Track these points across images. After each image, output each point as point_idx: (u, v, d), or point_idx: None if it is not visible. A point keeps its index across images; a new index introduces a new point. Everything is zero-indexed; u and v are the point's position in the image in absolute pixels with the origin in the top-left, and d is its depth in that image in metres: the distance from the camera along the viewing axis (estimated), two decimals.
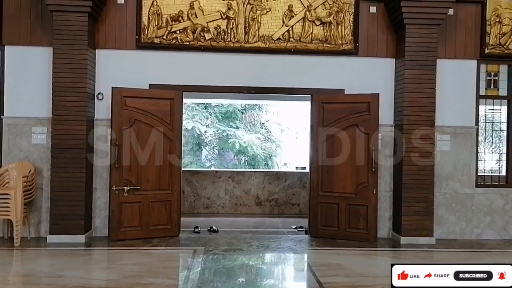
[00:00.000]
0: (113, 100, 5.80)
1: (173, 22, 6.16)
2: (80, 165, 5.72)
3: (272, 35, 6.25)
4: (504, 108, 6.48)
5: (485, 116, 6.49)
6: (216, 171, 8.93)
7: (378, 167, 6.05)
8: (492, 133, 6.58)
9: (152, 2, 6.10)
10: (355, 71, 6.29)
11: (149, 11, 6.10)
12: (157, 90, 6.07)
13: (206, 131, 12.15)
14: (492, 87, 6.41)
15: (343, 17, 6.28)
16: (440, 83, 6.07)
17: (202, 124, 11.89)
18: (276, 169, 12.25)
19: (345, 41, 6.29)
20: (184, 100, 6.37)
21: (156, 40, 6.13)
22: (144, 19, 6.10)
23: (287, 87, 6.32)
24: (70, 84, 5.67)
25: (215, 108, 12.09)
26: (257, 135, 12.52)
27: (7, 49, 5.92)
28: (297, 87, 6.31)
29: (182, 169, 6.41)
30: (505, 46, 6.24)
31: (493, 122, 6.50)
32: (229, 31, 6.22)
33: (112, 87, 5.80)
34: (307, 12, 6.25)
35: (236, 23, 6.23)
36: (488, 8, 6.18)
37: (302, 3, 6.25)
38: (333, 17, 6.27)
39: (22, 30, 5.90)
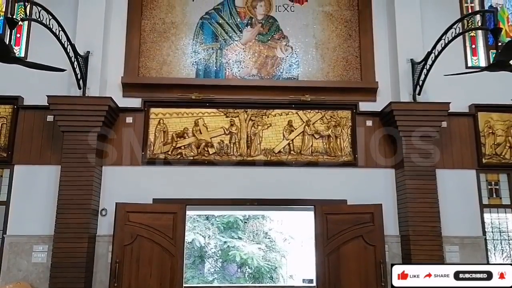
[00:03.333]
0: (116, 215, 5.81)
1: (178, 139, 6.42)
2: (79, 285, 5.51)
3: (273, 148, 6.46)
4: (510, 216, 6.42)
5: (492, 225, 6.40)
6: (219, 287, 8.55)
7: (387, 281, 5.80)
8: (501, 242, 6.43)
9: (159, 120, 6.43)
10: (356, 181, 6.37)
11: (155, 129, 6.40)
12: (161, 204, 6.10)
13: (208, 243, 11.88)
14: (494, 196, 6.44)
15: (341, 131, 6.55)
16: (442, 193, 6.10)
17: (202, 236, 11.66)
18: (281, 283, 11.71)
19: (344, 153, 6.48)
20: (187, 212, 6.35)
21: (161, 156, 6.34)
22: (151, 136, 6.38)
23: (290, 198, 6.34)
24: (75, 201, 5.72)
25: (216, 219, 11.96)
26: (261, 246, 12.20)
27: (16, 168, 6.12)
28: (299, 199, 6.33)
29: (184, 285, 6.16)
30: (501, 156, 6.41)
31: (500, 231, 6.40)
32: (232, 145, 6.46)
33: (116, 203, 5.84)
34: (306, 127, 6.53)
35: (239, 138, 6.48)
36: (480, 120, 6.48)
37: (301, 118, 6.57)
38: (331, 130, 6.54)
39: (33, 150, 6.15)
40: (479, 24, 5.86)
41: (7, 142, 6.10)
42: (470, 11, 6.96)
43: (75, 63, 5.78)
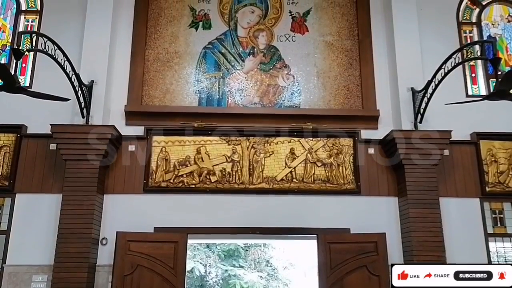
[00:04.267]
0: (117, 244, 5.75)
1: (180, 167, 6.41)
2: None
3: (276, 176, 6.44)
4: None
5: (497, 254, 6.31)
6: None
7: None
8: None
9: (161, 148, 6.44)
10: (359, 210, 6.32)
11: (158, 157, 6.40)
12: (162, 233, 6.04)
13: (209, 272, 11.71)
14: (499, 224, 6.36)
15: (343, 158, 6.54)
16: (446, 222, 6.04)
17: (203, 264, 11.50)
18: None
19: (347, 181, 6.46)
20: (188, 241, 6.28)
21: (163, 184, 6.32)
22: (153, 165, 6.37)
23: (292, 227, 6.27)
24: (76, 230, 5.67)
25: (217, 247, 11.83)
26: (262, 274, 12.00)
27: (18, 197, 6.09)
28: (302, 227, 6.26)
29: None
30: (505, 184, 6.38)
31: (506, 261, 6.29)
32: (234, 173, 6.44)
33: (117, 232, 5.79)
34: (308, 154, 6.52)
35: (241, 165, 6.47)
36: (482, 148, 6.47)
37: (303, 146, 6.57)
38: (334, 158, 6.53)
39: (35, 178, 6.14)
40: (479, 54, 5.95)
41: (9, 170, 6.09)
42: (469, 40, 7.06)
43: (79, 92, 5.84)
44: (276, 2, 7.16)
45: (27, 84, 6.54)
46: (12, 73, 4.87)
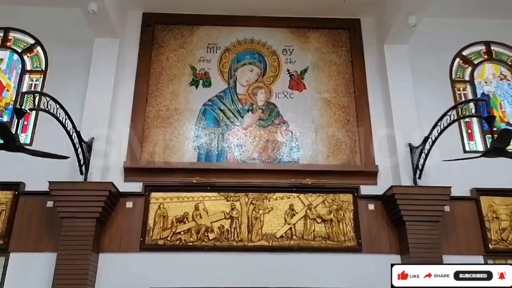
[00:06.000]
0: None
1: (178, 224, 6.31)
2: None
3: (275, 233, 6.33)
4: None
5: None
6: None
7: None
8: None
9: (159, 205, 6.37)
10: (361, 268, 6.15)
11: (155, 213, 6.32)
12: None
13: None
14: None
15: (343, 215, 6.46)
16: None
17: None
18: None
19: (348, 237, 6.35)
20: None
21: (160, 242, 6.19)
22: (150, 222, 6.28)
23: (292, 287, 6.08)
24: None
25: None
26: None
27: (12, 256, 5.95)
28: (303, 287, 6.08)
29: None
30: (508, 241, 6.26)
31: None
32: (232, 230, 6.34)
33: None
34: (308, 211, 6.45)
35: (240, 222, 6.38)
36: (483, 204, 6.41)
37: (302, 202, 6.51)
38: (333, 214, 6.45)
39: (30, 237, 6.02)
40: (473, 111, 6.05)
41: (5, 229, 6.00)
42: (463, 98, 7.20)
43: (79, 149, 5.87)
44: (274, 61, 7.39)
45: (28, 141, 6.59)
46: (14, 131, 4.92)
